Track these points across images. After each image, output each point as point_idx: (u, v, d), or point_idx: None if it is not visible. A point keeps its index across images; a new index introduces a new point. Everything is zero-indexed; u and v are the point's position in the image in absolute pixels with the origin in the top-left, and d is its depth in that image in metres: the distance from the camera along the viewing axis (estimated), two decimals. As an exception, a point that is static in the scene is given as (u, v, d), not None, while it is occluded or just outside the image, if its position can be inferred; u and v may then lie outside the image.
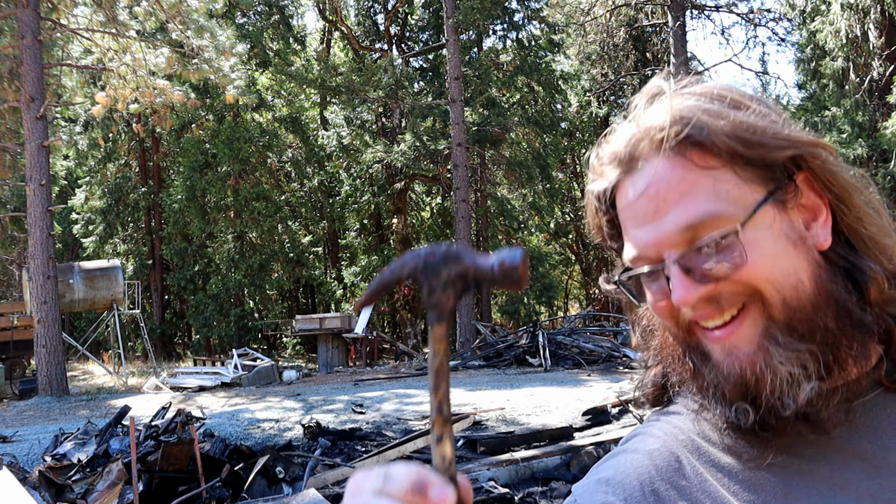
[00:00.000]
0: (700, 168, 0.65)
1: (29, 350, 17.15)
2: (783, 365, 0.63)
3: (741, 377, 0.65)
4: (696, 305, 0.66)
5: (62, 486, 5.84)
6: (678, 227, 0.64)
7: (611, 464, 0.80)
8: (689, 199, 0.64)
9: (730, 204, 0.64)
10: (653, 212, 0.66)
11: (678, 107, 0.66)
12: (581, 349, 15.78)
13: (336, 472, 6.42)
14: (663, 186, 0.65)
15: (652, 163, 0.66)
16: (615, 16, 24.92)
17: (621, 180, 0.69)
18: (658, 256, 0.67)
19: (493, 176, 26.79)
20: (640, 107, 0.71)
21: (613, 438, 7.71)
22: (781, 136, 0.65)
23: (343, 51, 30.26)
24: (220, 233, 25.63)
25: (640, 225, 0.67)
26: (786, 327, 0.64)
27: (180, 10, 15.61)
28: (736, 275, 0.64)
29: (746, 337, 0.66)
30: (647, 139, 0.67)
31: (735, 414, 0.67)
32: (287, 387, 14.63)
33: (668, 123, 0.65)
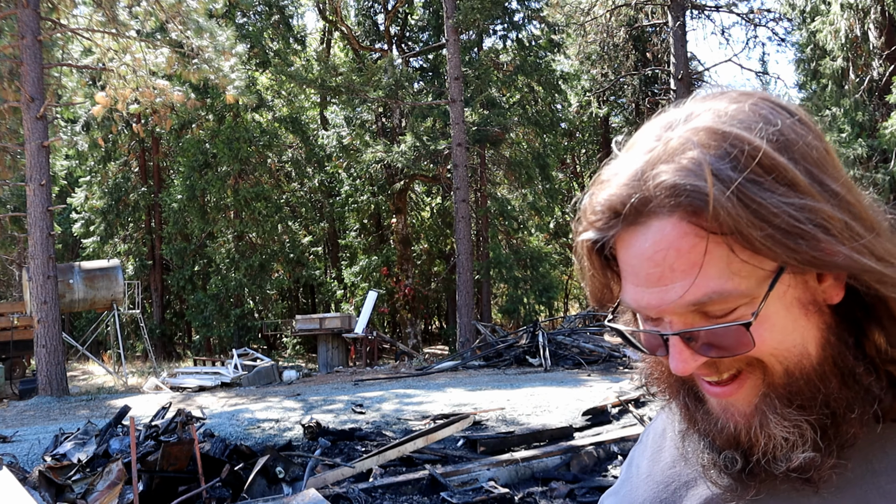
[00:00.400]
0: (712, 234, 0.58)
1: (29, 350, 17.16)
2: (778, 430, 0.62)
3: (734, 435, 0.64)
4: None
5: (62, 486, 5.84)
6: (683, 301, 0.59)
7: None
8: (696, 272, 0.59)
9: (742, 279, 0.58)
10: (657, 277, 0.60)
11: (692, 164, 0.58)
12: (581, 349, 15.78)
13: (336, 472, 6.42)
14: (671, 254, 0.59)
15: (659, 223, 0.60)
16: (615, 16, 24.93)
17: (620, 233, 0.63)
18: (658, 317, 0.63)
19: (493, 176, 26.79)
20: (647, 146, 0.63)
21: (613, 438, 7.71)
22: (819, 250, 0.57)
23: (343, 51, 30.26)
24: (220, 233, 25.63)
25: (641, 285, 0.62)
26: (786, 397, 0.62)
27: (180, 11, 15.61)
28: (740, 355, 0.61)
29: (744, 398, 0.64)
30: (656, 198, 0.59)
31: (723, 460, 0.66)
32: (287, 387, 14.63)
33: (680, 185, 0.58)
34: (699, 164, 0.58)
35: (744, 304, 0.59)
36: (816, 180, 0.59)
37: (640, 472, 0.82)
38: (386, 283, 26.49)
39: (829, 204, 0.58)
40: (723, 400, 0.65)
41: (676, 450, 0.75)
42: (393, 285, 26.56)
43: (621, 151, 0.67)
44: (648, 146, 0.62)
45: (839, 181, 0.60)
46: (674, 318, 0.62)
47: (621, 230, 0.62)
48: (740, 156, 0.58)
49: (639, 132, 0.66)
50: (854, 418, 0.62)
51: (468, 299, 20.12)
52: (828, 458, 0.62)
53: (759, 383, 0.63)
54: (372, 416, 9.57)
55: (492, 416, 9.20)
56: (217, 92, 20.48)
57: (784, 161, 0.58)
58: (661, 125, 0.64)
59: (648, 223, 0.60)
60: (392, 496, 6.25)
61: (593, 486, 6.52)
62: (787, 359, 0.61)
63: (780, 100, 0.65)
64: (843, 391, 0.61)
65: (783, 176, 0.58)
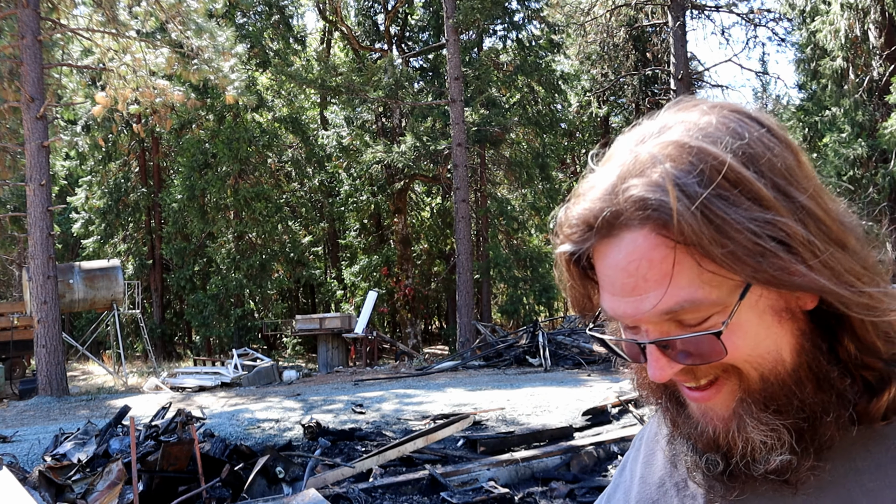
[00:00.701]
0: (680, 245, 0.59)
1: (29, 350, 17.16)
2: (755, 434, 0.63)
3: (713, 438, 0.66)
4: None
5: (62, 486, 5.84)
6: (658, 310, 0.61)
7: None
8: (668, 282, 0.60)
9: (713, 289, 0.60)
10: (631, 287, 0.62)
11: (659, 178, 0.60)
12: (581, 349, 15.78)
13: (336, 472, 6.42)
14: (644, 265, 0.60)
15: (630, 235, 0.61)
16: (615, 16, 24.93)
17: (596, 245, 0.64)
18: (635, 325, 0.65)
19: (493, 176, 26.79)
20: (620, 160, 0.64)
21: (613, 438, 7.71)
22: (786, 272, 0.58)
23: (343, 51, 30.26)
24: (220, 233, 25.63)
25: (617, 295, 0.63)
26: (762, 402, 0.63)
27: (180, 11, 15.61)
28: (715, 362, 0.63)
29: (722, 403, 0.65)
30: (626, 211, 0.61)
31: (704, 462, 0.68)
32: (287, 387, 14.63)
33: (647, 199, 0.59)
34: (665, 178, 0.59)
35: (717, 312, 0.61)
36: (782, 192, 0.60)
37: (633, 476, 0.84)
38: (386, 283, 26.49)
39: (794, 218, 0.59)
40: (702, 404, 0.66)
41: (666, 454, 0.78)
42: (393, 285, 26.56)
43: (597, 165, 0.68)
44: (621, 160, 0.64)
45: (808, 192, 0.61)
46: (650, 327, 0.63)
47: (596, 242, 0.64)
48: (706, 169, 0.59)
49: (614, 145, 0.68)
50: (829, 421, 0.63)
51: (468, 299, 20.12)
52: (805, 461, 0.63)
53: (735, 388, 0.64)
54: (372, 416, 9.57)
55: (492, 416, 9.19)
56: (217, 92, 20.49)
57: (749, 174, 0.59)
58: (634, 139, 0.66)
59: (621, 235, 0.62)
60: (392, 496, 6.25)
61: (593, 486, 6.52)
62: (762, 365, 0.62)
63: (751, 111, 0.66)
64: (818, 395, 0.63)
65: (748, 189, 0.59)
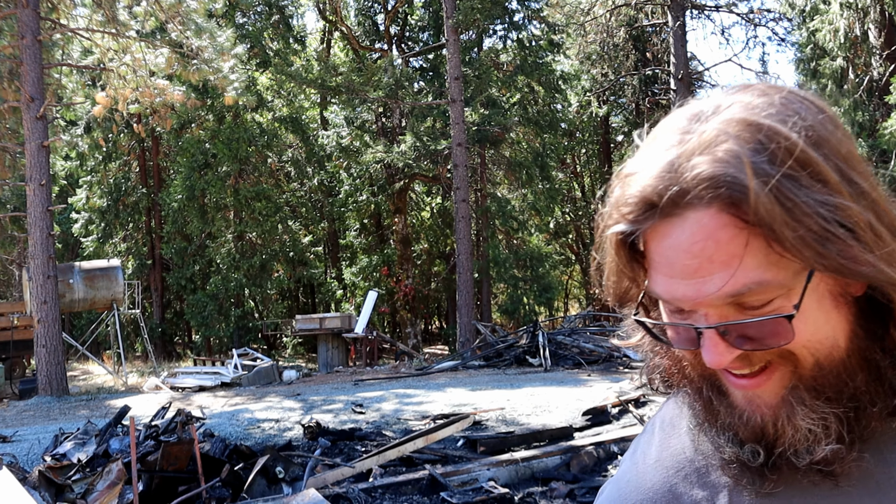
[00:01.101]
0: (751, 226, 0.57)
1: (29, 350, 17.16)
2: (804, 422, 0.62)
3: (760, 427, 0.64)
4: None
5: (62, 486, 5.83)
6: (722, 293, 0.59)
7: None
8: (736, 263, 0.58)
9: (779, 270, 0.58)
10: (694, 269, 0.59)
11: (729, 155, 0.58)
12: (581, 349, 15.78)
13: (336, 472, 6.42)
14: (710, 245, 0.58)
15: (696, 214, 0.59)
16: (615, 16, 24.92)
17: (656, 224, 0.61)
18: (691, 310, 0.63)
19: (493, 176, 26.79)
20: (675, 139, 0.62)
21: (613, 438, 7.71)
22: (855, 261, 0.57)
23: (343, 51, 30.26)
24: (220, 233, 25.63)
25: (676, 277, 0.61)
26: (813, 389, 0.62)
27: (180, 11, 15.61)
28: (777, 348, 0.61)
29: (772, 390, 0.64)
30: (693, 190, 0.58)
31: (746, 453, 0.66)
32: (287, 387, 14.63)
33: (719, 176, 0.57)
34: (737, 156, 0.57)
35: (780, 295, 0.59)
36: (846, 178, 0.59)
37: (646, 459, 0.81)
38: (386, 283, 26.49)
39: (859, 204, 0.58)
40: (749, 392, 0.64)
41: (689, 439, 0.76)
42: (393, 285, 26.56)
43: (643, 144, 0.66)
44: (677, 138, 0.62)
45: (868, 179, 0.61)
46: (709, 311, 0.61)
47: (657, 222, 0.61)
48: (777, 150, 0.58)
49: (661, 124, 0.66)
50: (875, 412, 0.62)
51: (468, 299, 20.11)
52: (851, 451, 0.62)
53: (787, 375, 0.63)
54: (372, 416, 9.57)
55: (492, 416, 9.19)
56: (217, 92, 20.49)
57: (817, 157, 0.58)
58: (686, 116, 0.64)
59: (685, 215, 0.59)
60: (392, 496, 6.25)
61: (593, 486, 6.52)
62: (819, 350, 0.61)
63: (808, 94, 0.64)
64: (868, 385, 0.62)
65: (816, 172, 0.58)
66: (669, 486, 0.75)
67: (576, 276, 38.96)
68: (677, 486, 0.75)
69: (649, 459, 0.80)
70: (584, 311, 25.35)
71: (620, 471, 0.85)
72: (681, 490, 0.74)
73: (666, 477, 0.76)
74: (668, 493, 0.75)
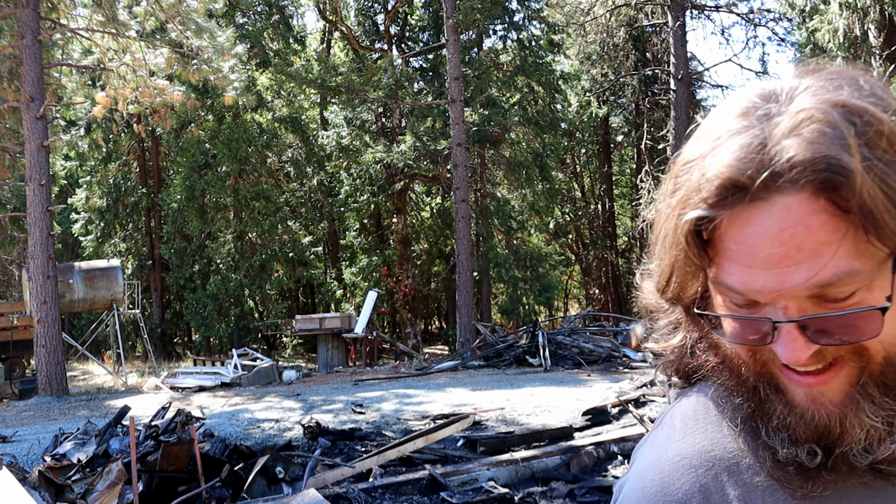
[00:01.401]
0: (843, 212, 0.54)
1: (29, 350, 17.15)
2: (870, 420, 0.59)
3: (823, 425, 0.61)
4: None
5: (62, 486, 5.83)
6: (809, 283, 0.56)
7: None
8: (826, 252, 0.55)
9: (867, 260, 0.55)
10: (780, 258, 0.56)
11: (825, 137, 0.54)
12: (581, 349, 15.79)
13: (336, 472, 6.42)
14: (800, 232, 0.55)
15: (785, 199, 0.55)
16: (615, 16, 24.91)
17: (738, 210, 0.57)
18: (768, 302, 0.59)
19: (492, 176, 26.79)
20: (748, 121, 0.58)
21: (613, 438, 7.71)
22: None
23: (343, 51, 30.27)
24: (220, 232, 25.63)
25: (757, 266, 0.57)
26: (882, 384, 0.59)
27: (180, 11, 15.61)
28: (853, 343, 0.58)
29: (838, 387, 0.60)
30: (785, 173, 0.55)
31: (802, 454, 0.63)
32: (287, 387, 14.63)
33: (817, 159, 0.54)
34: (839, 138, 0.54)
35: (863, 286, 0.56)
36: None
37: (667, 455, 0.76)
38: (386, 283, 26.48)
39: None
40: (812, 390, 0.61)
41: (718, 436, 0.72)
42: (393, 285, 26.56)
43: (705, 126, 0.63)
44: (755, 118, 0.58)
45: None
46: (788, 304, 0.58)
47: (741, 207, 0.57)
48: (873, 134, 0.55)
49: (725, 107, 0.63)
50: None
51: (468, 299, 20.11)
52: None
53: (854, 371, 0.60)
54: (372, 416, 9.57)
55: (492, 416, 9.19)
56: (217, 92, 20.49)
57: None
58: (757, 96, 0.60)
59: (773, 199, 0.56)
60: (392, 496, 6.25)
61: (593, 486, 6.52)
62: (891, 345, 0.59)
63: (873, 77, 0.63)
64: None
65: None
66: (700, 485, 0.71)
67: (576, 276, 38.97)
68: (708, 486, 0.70)
69: (671, 456, 0.75)
70: (584, 311, 25.35)
71: (639, 468, 0.79)
72: (711, 489, 0.70)
73: (695, 476, 0.72)
74: (699, 493, 0.71)
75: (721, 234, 0.60)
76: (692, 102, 25.32)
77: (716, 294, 0.65)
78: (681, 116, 22.19)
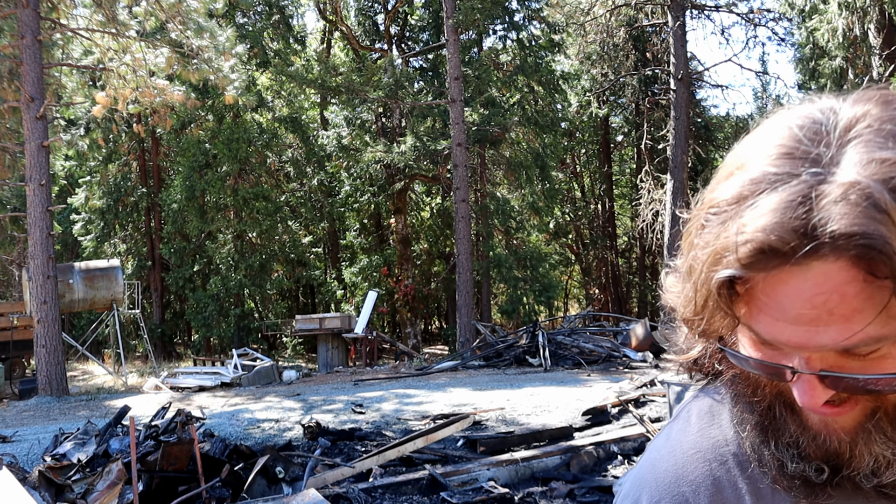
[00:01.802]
0: (878, 280, 0.54)
1: (29, 350, 17.16)
2: (881, 449, 0.61)
3: (834, 449, 0.63)
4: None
5: (62, 486, 5.83)
6: (837, 345, 0.56)
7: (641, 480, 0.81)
8: (858, 319, 0.55)
9: (894, 321, 0.55)
10: (811, 319, 0.56)
11: (868, 205, 0.52)
12: (581, 349, 15.79)
13: (336, 472, 6.42)
14: (834, 298, 0.55)
15: (823, 265, 0.54)
16: (615, 16, 24.91)
17: (773, 272, 0.56)
18: (791, 351, 0.60)
19: (492, 176, 26.80)
20: (793, 167, 0.56)
21: (613, 438, 7.71)
22: None
23: (343, 51, 30.27)
24: (220, 232, 25.64)
25: (785, 321, 0.57)
26: (895, 420, 0.61)
27: (180, 11, 15.61)
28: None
29: (852, 418, 0.62)
30: (826, 243, 0.53)
31: (810, 470, 0.64)
32: (287, 387, 14.63)
33: (857, 232, 0.52)
34: (879, 210, 0.52)
35: (888, 343, 0.56)
36: None
37: (682, 447, 0.78)
38: (386, 283, 26.49)
39: None
40: (827, 417, 0.62)
41: (732, 432, 0.75)
42: (393, 285, 26.57)
43: (742, 157, 0.61)
44: (799, 166, 0.56)
45: None
46: (813, 356, 0.59)
47: (776, 271, 0.56)
48: None
49: (766, 135, 0.61)
50: None
51: (468, 299, 20.11)
52: None
53: (869, 406, 0.61)
54: (372, 416, 9.57)
55: (492, 416, 9.20)
56: (217, 92, 20.49)
57: None
58: (804, 133, 0.58)
59: (810, 264, 0.55)
60: (392, 496, 6.25)
61: (593, 486, 6.52)
62: None
63: None
64: None
65: None
66: (713, 477, 0.74)
67: (576, 276, 38.97)
68: (720, 479, 0.74)
69: (686, 448, 0.78)
70: (584, 311, 25.35)
71: (653, 458, 0.81)
72: (724, 482, 0.73)
73: (708, 469, 0.75)
74: (711, 484, 0.74)
75: (755, 286, 0.59)
76: (692, 102, 25.32)
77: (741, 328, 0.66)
78: (681, 116, 22.18)
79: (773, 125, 0.61)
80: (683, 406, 0.84)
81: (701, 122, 27.76)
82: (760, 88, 30.77)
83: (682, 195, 22.35)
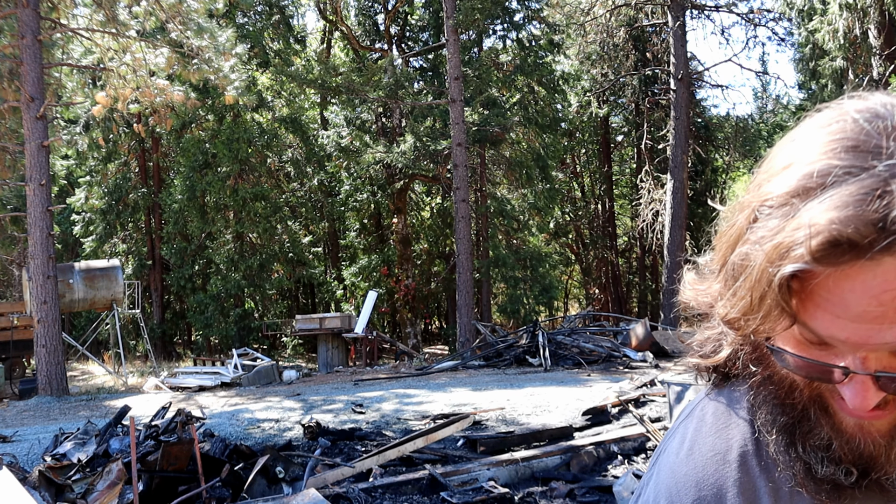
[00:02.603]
0: None
1: (29, 350, 17.16)
2: None
3: (868, 453, 0.62)
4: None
5: (62, 486, 5.83)
6: None
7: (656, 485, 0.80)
8: None
9: None
10: (875, 316, 0.55)
11: None
12: (581, 349, 15.79)
13: (336, 472, 6.42)
14: None
15: (894, 261, 0.54)
16: (615, 16, 24.92)
17: (843, 267, 0.55)
18: (848, 350, 0.59)
19: (493, 176, 26.80)
20: (870, 155, 0.56)
21: (613, 438, 7.71)
22: None
23: (343, 51, 30.27)
24: (220, 233, 25.64)
25: (847, 319, 0.56)
26: None
27: (180, 11, 15.61)
28: None
29: (889, 422, 0.62)
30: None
31: (840, 474, 0.64)
32: (287, 387, 14.63)
33: None
34: None
35: None
36: None
37: (700, 449, 0.77)
38: (386, 283, 26.49)
39: None
40: (863, 421, 0.62)
41: (750, 432, 0.74)
42: (393, 285, 26.57)
43: (797, 152, 0.60)
44: (866, 159, 0.55)
45: None
46: (869, 355, 0.58)
47: (847, 266, 0.55)
48: None
49: (823, 128, 0.59)
50: None
51: (468, 299, 20.11)
52: None
53: None
54: (372, 416, 9.57)
55: (492, 416, 9.20)
56: (217, 92, 20.48)
57: None
58: (867, 126, 0.57)
59: (882, 259, 0.53)
60: (392, 496, 6.25)
61: (593, 486, 6.52)
62: None
63: None
64: None
65: None
66: (733, 480, 0.74)
67: (576, 276, 38.97)
68: (741, 482, 0.73)
69: (705, 451, 0.77)
70: (585, 311, 25.35)
71: (671, 462, 0.80)
72: (745, 485, 0.73)
73: (729, 472, 0.74)
74: (732, 486, 0.73)
75: (814, 282, 0.57)
76: (692, 102, 25.32)
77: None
78: (681, 116, 22.19)
79: (829, 119, 0.60)
80: (695, 405, 0.83)
81: (701, 122, 27.75)
82: (760, 88, 30.80)
83: (682, 195, 22.35)
